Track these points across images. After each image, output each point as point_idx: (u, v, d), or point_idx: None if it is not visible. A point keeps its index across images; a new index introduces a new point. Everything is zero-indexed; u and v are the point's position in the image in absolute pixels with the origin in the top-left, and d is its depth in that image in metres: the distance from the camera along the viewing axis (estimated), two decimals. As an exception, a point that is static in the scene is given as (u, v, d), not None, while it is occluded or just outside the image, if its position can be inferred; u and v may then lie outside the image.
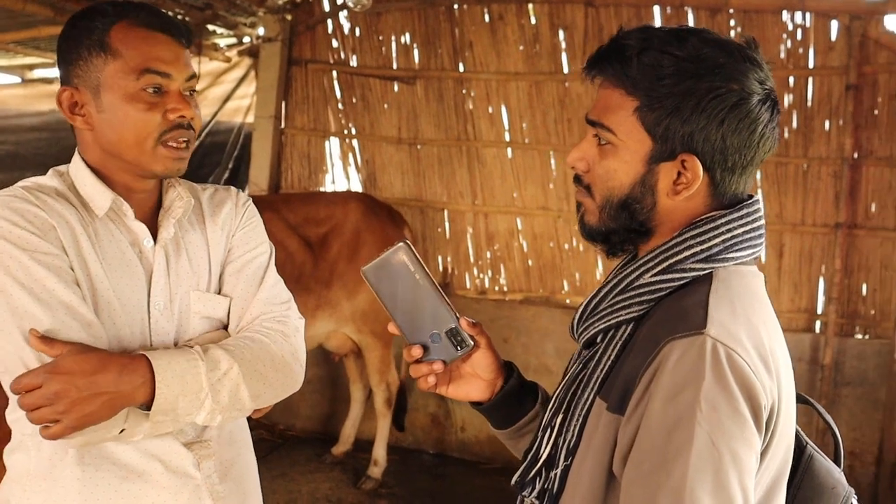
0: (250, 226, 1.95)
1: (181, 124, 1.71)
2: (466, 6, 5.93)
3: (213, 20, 6.25)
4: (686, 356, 1.25)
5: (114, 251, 1.73)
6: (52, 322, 1.56)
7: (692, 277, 1.38)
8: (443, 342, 1.55)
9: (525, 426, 1.67)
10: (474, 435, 5.96)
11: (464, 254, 6.19)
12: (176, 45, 1.73)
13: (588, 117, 1.45)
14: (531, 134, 5.92)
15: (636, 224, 1.44)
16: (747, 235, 1.41)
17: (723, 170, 1.39)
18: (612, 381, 1.38)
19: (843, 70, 5.27)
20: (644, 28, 1.41)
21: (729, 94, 1.35)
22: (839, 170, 5.33)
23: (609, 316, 1.43)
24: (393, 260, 1.52)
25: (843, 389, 5.34)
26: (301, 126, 6.44)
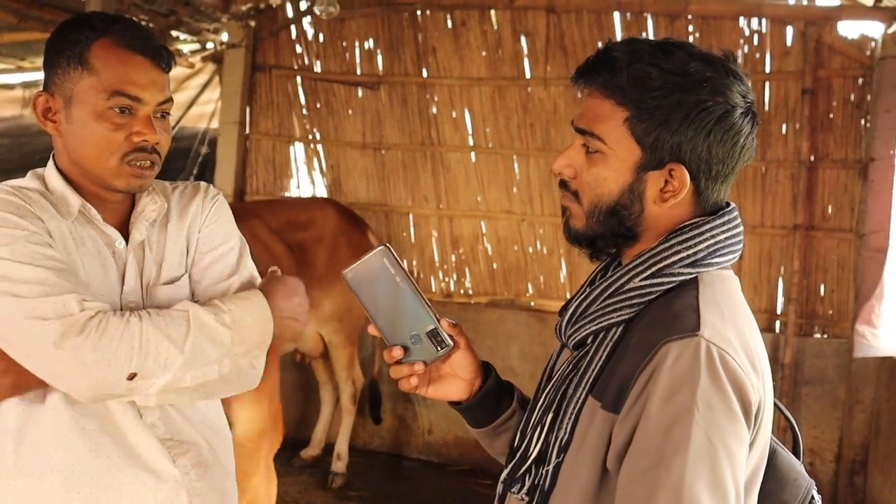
0: (218, 221, 1.96)
1: (144, 148, 1.74)
2: (429, 12, 5.98)
3: (176, 26, 6.25)
4: (682, 357, 1.31)
5: (91, 250, 1.77)
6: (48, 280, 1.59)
7: (679, 281, 1.44)
8: (423, 343, 1.58)
9: (502, 425, 1.71)
10: (441, 437, 6.00)
11: (429, 257, 6.24)
12: (154, 70, 1.75)
13: (576, 125, 1.49)
14: (494, 138, 5.97)
15: (623, 230, 1.49)
16: (728, 241, 1.48)
17: (707, 178, 1.45)
18: (605, 381, 1.43)
19: (799, 75, 5.38)
20: (632, 40, 1.46)
21: (715, 107, 1.40)
22: (796, 172, 5.43)
23: (599, 318, 1.48)
24: (373, 263, 1.54)
25: (802, 388, 5.44)
26: (266, 131, 6.46)
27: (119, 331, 1.59)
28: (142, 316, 1.63)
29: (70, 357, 1.56)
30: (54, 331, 1.56)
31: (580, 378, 1.47)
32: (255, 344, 1.78)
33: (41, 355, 1.59)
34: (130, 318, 1.62)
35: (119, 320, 1.60)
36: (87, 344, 1.56)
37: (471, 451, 5.80)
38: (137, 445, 1.76)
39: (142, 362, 1.60)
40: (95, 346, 1.57)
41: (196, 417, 1.86)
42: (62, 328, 1.56)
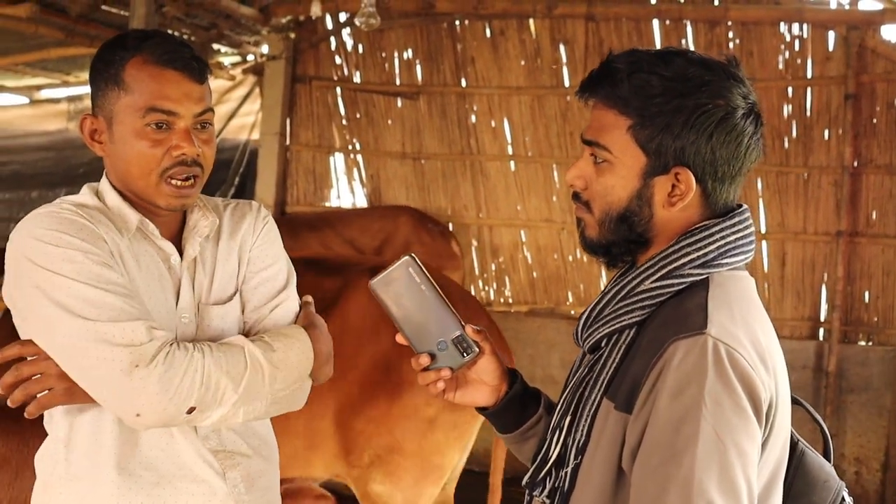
0: (267, 241, 1.96)
1: (184, 161, 1.73)
2: (468, 22, 6.01)
3: (218, 39, 6.33)
4: (689, 355, 1.33)
5: (149, 265, 1.78)
6: (116, 305, 1.60)
7: (690, 282, 1.45)
8: (449, 350, 1.60)
9: (529, 430, 1.72)
10: (481, 445, 5.94)
11: (469, 266, 6.23)
12: (187, 82, 1.74)
13: (584, 137, 1.52)
14: (534, 147, 5.98)
15: (635, 235, 1.50)
16: (739, 242, 1.48)
17: (713, 180, 1.46)
18: (618, 383, 1.44)
19: (842, 80, 5.33)
20: (632, 51, 1.49)
21: (715, 109, 1.42)
22: (839, 178, 5.38)
23: (612, 321, 1.50)
24: (399, 273, 1.57)
25: (847, 397, 5.38)
26: (306, 142, 6.51)
27: (184, 365, 1.60)
28: (204, 351, 1.65)
29: (137, 387, 1.57)
30: (124, 358, 1.57)
31: (595, 380, 1.49)
32: (292, 381, 1.79)
33: (107, 381, 1.59)
34: (195, 353, 1.63)
35: (184, 354, 1.62)
36: (153, 375, 1.57)
37: (510, 460, 5.77)
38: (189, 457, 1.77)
39: (202, 397, 1.62)
40: (161, 378, 1.58)
41: (247, 430, 1.87)
42: (132, 357, 1.57)
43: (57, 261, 1.61)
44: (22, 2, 4.99)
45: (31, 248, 1.64)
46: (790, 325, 5.51)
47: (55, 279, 1.61)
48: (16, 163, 8.00)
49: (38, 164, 7.91)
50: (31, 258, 1.63)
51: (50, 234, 1.64)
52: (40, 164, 7.90)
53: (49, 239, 1.63)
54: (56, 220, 1.66)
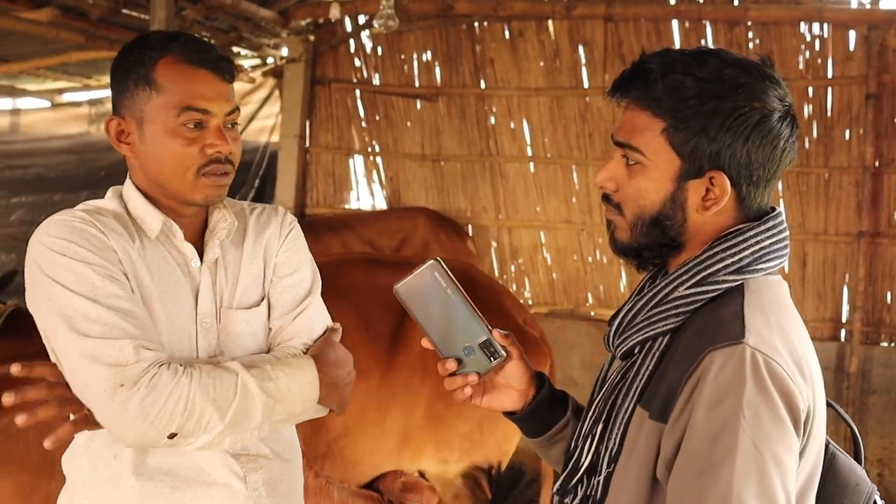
0: (294, 247, 1.96)
1: (218, 159, 1.74)
2: (487, 24, 6.01)
3: (237, 42, 6.36)
4: (727, 365, 1.30)
5: (164, 270, 1.77)
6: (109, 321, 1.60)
7: (725, 289, 1.42)
8: (476, 354, 1.58)
9: (557, 434, 1.70)
10: (502, 448, 6.00)
11: (488, 268, 6.24)
12: (218, 82, 1.76)
13: (615, 139, 1.49)
14: (553, 148, 5.98)
15: (667, 240, 1.48)
16: (774, 247, 1.45)
17: (748, 184, 1.43)
18: (652, 391, 1.42)
19: (863, 79, 5.30)
20: (665, 51, 1.46)
21: (752, 112, 1.39)
22: (861, 178, 5.35)
23: (646, 328, 1.47)
24: (425, 277, 1.55)
25: (870, 398, 5.35)
26: (325, 144, 6.53)
27: (168, 389, 1.58)
28: (192, 375, 1.62)
29: (118, 408, 1.56)
30: (108, 378, 1.56)
31: (628, 388, 1.47)
32: (296, 413, 1.77)
33: (91, 397, 1.59)
34: (182, 378, 1.61)
35: (170, 377, 1.59)
36: (135, 398, 1.56)
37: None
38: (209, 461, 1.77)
39: (183, 424, 1.60)
40: (143, 401, 1.56)
41: (271, 433, 1.84)
42: (116, 377, 1.56)
43: (61, 270, 1.62)
44: (43, 6, 5.03)
45: (40, 255, 1.65)
46: (811, 326, 5.48)
47: (57, 290, 1.62)
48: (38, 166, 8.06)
49: (61, 168, 7.96)
50: (40, 265, 1.65)
51: (58, 242, 1.65)
52: (62, 168, 7.95)
53: (57, 247, 1.64)
54: (66, 229, 1.67)
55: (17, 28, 5.25)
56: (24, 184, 8.01)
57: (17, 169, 8.06)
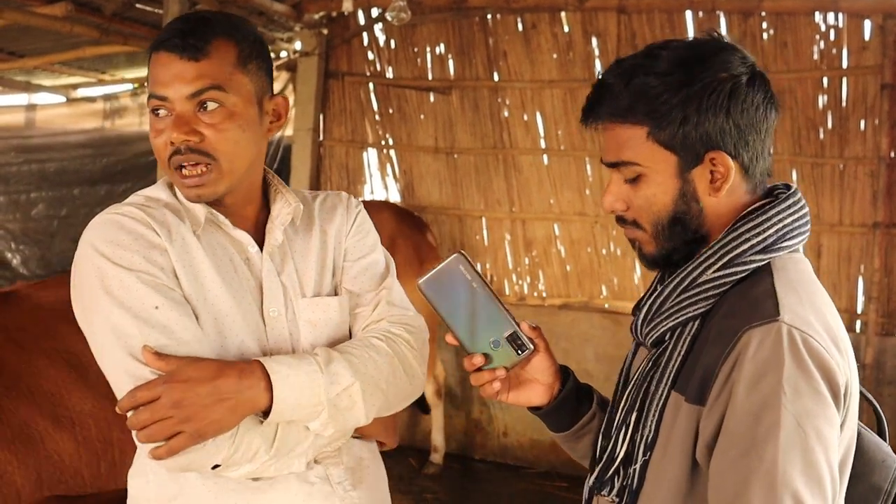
0: (363, 230, 1.88)
1: (178, 150, 1.60)
2: (500, 16, 6.00)
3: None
4: (764, 343, 1.32)
5: (223, 259, 1.69)
6: (147, 341, 1.53)
7: (752, 269, 1.44)
8: (503, 348, 1.57)
9: (583, 427, 1.71)
10: (517, 439, 6.01)
11: (502, 261, 6.25)
12: (176, 62, 1.60)
13: (606, 162, 1.52)
14: (567, 141, 5.97)
15: (691, 235, 1.50)
16: (796, 224, 1.48)
17: (746, 151, 1.46)
18: (686, 375, 1.44)
19: (878, 69, 5.26)
20: (617, 62, 1.50)
21: (721, 83, 1.42)
22: (876, 169, 5.32)
23: (676, 314, 1.48)
24: (449, 270, 1.53)
25: (885, 389, 5.32)
26: (339, 138, 6.54)
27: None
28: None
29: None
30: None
31: (661, 374, 1.48)
32: (338, 437, 1.71)
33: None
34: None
35: None
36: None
37: (546, 454, 5.80)
38: None
39: (229, 457, 1.56)
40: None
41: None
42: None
43: (108, 277, 1.56)
44: (58, 1, 5.05)
45: (88, 258, 1.59)
46: (826, 317, 5.45)
47: (102, 300, 1.56)
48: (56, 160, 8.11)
49: (78, 162, 8.01)
50: (86, 270, 1.59)
51: (106, 246, 1.58)
52: (79, 162, 8.00)
53: (104, 250, 1.58)
54: (115, 230, 1.61)
55: (31, 23, 5.28)
56: (42, 178, 8.08)
57: (35, 164, 8.12)
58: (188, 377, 1.49)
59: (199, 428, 1.49)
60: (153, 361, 1.51)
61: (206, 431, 1.50)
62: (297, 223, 1.80)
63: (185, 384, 1.48)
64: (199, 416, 1.49)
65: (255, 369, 1.56)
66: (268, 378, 1.55)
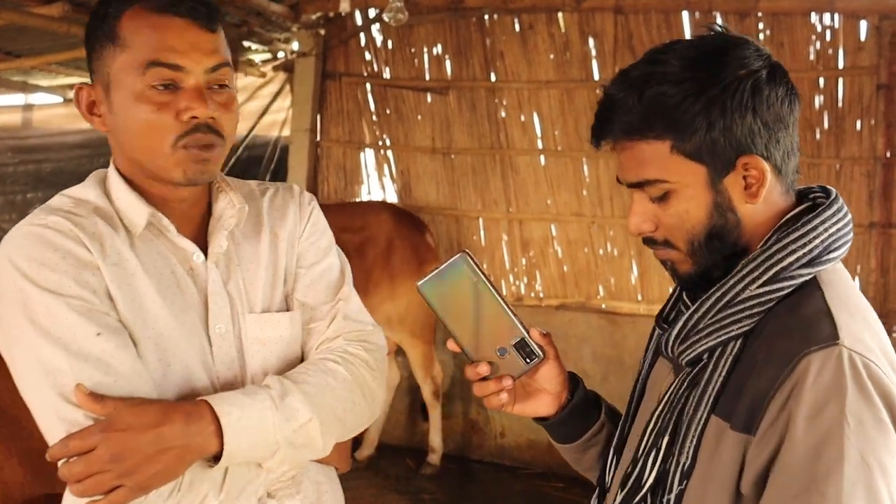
0: (318, 231, 1.72)
1: (197, 126, 1.44)
2: (497, 17, 6.01)
3: (248, 36, 6.37)
4: (825, 370, 1.22)
5: (164, 273, 1.51)
6: (80, 378, 1.36)
7: (799, 284, 1.34)
8: (510, 356, 1.45)
9: (591, 439, 1.62)
10: (514, 440, 6.01)
11: (499, 261, 6.26)
12: (194, 30, 1.44)
13: (627, 182, 1.42)
14: (563, 141, 5.97)
15: (729, 248, 1.39)
16: (841, 232, 1.37)
17: (777, 150, 1.36)
18: (730, 399, 1.33)
19: (874, 70, 5.27)
20: (622, 75, 1.40)
21: (742, 82, 1.32)
22: (872, 169, 5.33)
23: (717, 333, 1.36)
24: (452, 272, 1.41)
25: (881, 389, 5.33)
26: (336, 138, 6.54)
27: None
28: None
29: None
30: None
31: (700, 397, 1.36)
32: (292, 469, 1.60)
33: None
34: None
35: None
36: None
37: (543, 455, 5.80)
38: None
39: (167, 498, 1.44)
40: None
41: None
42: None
43: (32, 303, 1.39)
44: (54, 1, 5.05)
45: (9, 279, 1.41)
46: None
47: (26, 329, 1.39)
48: (53, 160, 8.11)
49: (75, 162, 8.00)
50: (7, 293, 1.41)
51: (29, 265, 1.40)
52: (76, 162, 7.99)
53: (28, 270, 1.40)
54: (39, 246, 1.41)
55: (28, 23, 5.27)
56: (39, 179, 8.07)
57: (32, 164, 8.12)
58: (128, 425, 1.33)
59: (140, 481, 1.34)
60: (87, 403, 1.34)
61: (149, 484, 1.36)
62: (241, 226, 1.62)
63: (125, 433, 1.32)
64: (141, 469, 1.33)
65: (204, 412, 1.40)
66: (217, 421, 1.40)
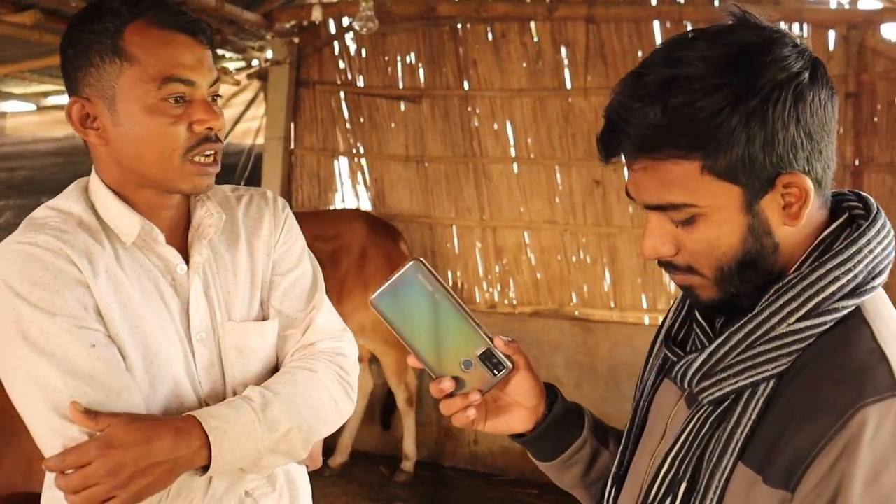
0: (292, 238, 1.77)
1: (208, 137, 1.53)
2: (470, 25, 6.03)
3: (222, 45, 6.36)
4: (885, 425, 1.06)
5: (148, 286, 1.57)
6: (73, 395, 1.44)
7: (842, 317, 1.16)
8: (476, 368, 1.32)
9: (572, 456, 1.47)
10: (487, 447, 6.02)
11: (473, 269, 6.28)
12: (198, 47, 1.53)
13: (645, 203, 1.21)
14: (536, 149, 6.00)
15: (764, 276, 1.21)
16: (885, 252, 1.20)
17: (819, 162, 1.17)
18: (761, 448, 1.16)
19: (842, 79, 5.32)
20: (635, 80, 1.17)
21: (784, 88, 1.12)
22: (841, 177, 5.38)
23: (748, 372, 1.18)
24: (406, 282, 1.29)
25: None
26: (310, 146, 6.55)
27: None
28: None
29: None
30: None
31: (726, 443, 1.19)
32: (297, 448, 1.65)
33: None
34: None
35: None
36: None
37: (517, 461, 5.81)
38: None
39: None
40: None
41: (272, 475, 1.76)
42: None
43: (26, 321, 1.45)
44: (27, 9, 5.04)
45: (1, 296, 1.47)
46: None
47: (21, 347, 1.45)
48: (25, 168, 8.07)
49: (48, 170, 7.97)
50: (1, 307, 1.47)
51: (22, 285, 1.46)
52: (49, 170, 7.96)
53: (20, 289, 1.45)
54: (31, 265, 1.47)
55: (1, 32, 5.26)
56: (10, 187, 8.03)
57: (4, 171, 8.08)
58: (122, 442, 1.42)
59: (133, 493, 1.44)
60: (82, 421, 1.43)
61: (141, 495, 1.45)
62: (219, 235, 1.68)
63: (119, 450, 1.41)
64: (134, 482, 1.43)
65: (192, 428, 1.50)
66: (205, 435, 1.49)
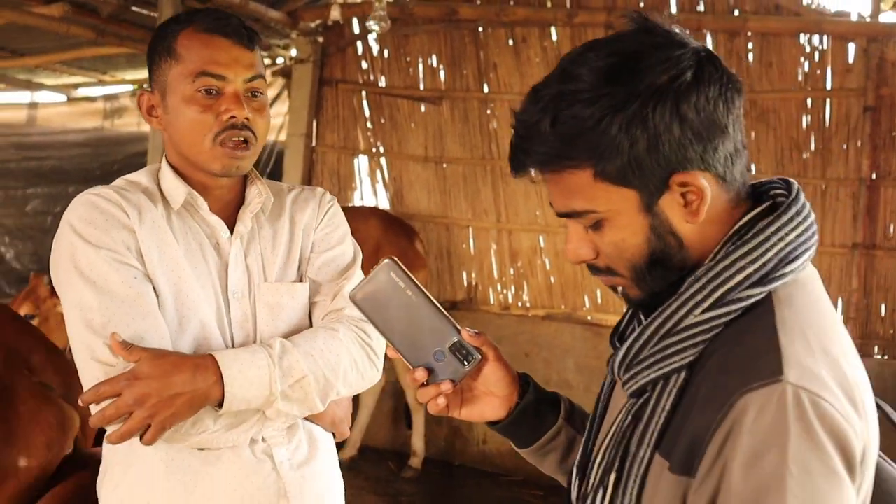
0: (333, 224, 2.00)
1: (234, 125, 1.75)
2: (491, 29, 6.08)
3: (247, 42, 6.44)
4: (765, 411, 1.06)
5: (192, 242, 1.81)
6: (105, 314, 1.66)
7: (749, 305, 1.17)
8: (447, 359, 1.42)
9: (548, 443, 1.52)
10: (496, 447, 6.05)
11: (487, 270, 6.32)
12: (235, 48, 1.77)
13: (558, 212, 1.27)
14: (554, 153, 6.01)
15: (676, 273, 1.23)
16: (801, 238, 1.20)
17: (716, 158, 1.18)
18: (671, 437, 1.18)
19: (861, 92, 5.32)
20: (532, 95, 1.22)
21: (665, 90, 1.14)
22: (857, 191, 5.38)
23: (659, 364, 1.21)
24: (380, 280, 1.42)
25: (860, 409, 5.35)
26: (331, 144, 6.63)
27: None
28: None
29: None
30: (99, 375, 1.64)
31: (643, 434, 1.22)
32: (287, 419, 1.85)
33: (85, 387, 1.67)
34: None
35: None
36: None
37: (525, 462, 5.69)
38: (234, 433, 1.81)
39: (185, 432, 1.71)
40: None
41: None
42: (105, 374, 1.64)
43: (78, 253, 1.69)
44: (55, 1, 5.14)
45: (64, 235, 1.72)
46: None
47: (72, 274, 1.69)
48: (54, 158, 8.22)
49: (75, 160, 8.12)
50: (62, 246, 1.72)
51: (79, 223, 1.71)
52: (77, 160, 8.11)
53: (78, 227, 1.70)
54: (89, 209, 1.73)
55: (29, 23, 5.38)
56: (39, 175, 8.19)
57: (33, 160, 8.23)
58: (147, 374, 1.60)
59: (160, 421, 1.61)
60: (119, 350, 1.62)
61: (167, 423, 1.62)
62: (267, 213, 1.91)
63: (144, 381, 1.59)
64: (159, 411, 1.60)
65: (209, 364, 1.67)
66: (220, 372, 1.67)
